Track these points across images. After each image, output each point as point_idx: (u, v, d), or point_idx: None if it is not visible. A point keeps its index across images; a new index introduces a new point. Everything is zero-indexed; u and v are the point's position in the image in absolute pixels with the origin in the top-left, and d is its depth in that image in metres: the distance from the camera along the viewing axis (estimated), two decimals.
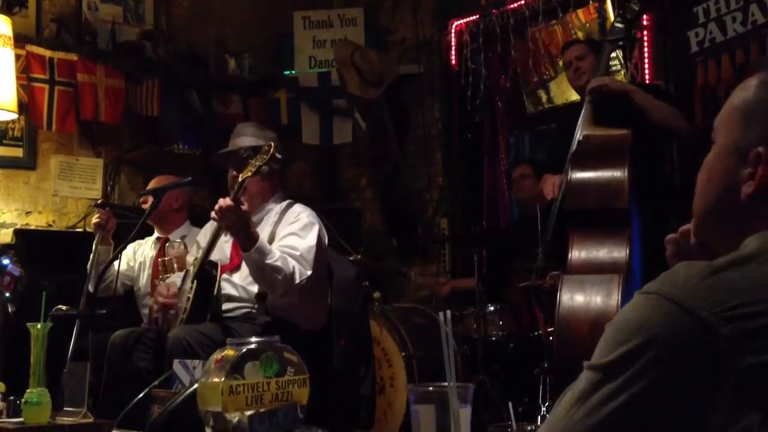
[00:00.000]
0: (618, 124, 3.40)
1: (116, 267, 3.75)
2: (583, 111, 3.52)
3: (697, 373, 0.87)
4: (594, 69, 3.62)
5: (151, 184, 4.10)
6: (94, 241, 3.70)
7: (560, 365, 3.06)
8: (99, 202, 4.10)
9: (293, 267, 2.93)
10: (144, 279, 3.95)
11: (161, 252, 3.97)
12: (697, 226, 1.14)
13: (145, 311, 3.85)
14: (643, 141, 3.38)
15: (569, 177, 3.28)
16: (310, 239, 3.06)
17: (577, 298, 2.99)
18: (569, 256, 3.14)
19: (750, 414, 0.85)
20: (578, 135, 3.45)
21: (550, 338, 3.55)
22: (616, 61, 4.48)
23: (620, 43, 3.59)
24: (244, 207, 2.89)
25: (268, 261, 2.87)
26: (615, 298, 2.89)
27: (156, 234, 4.06)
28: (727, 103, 1.11)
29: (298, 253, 2.99)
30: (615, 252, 3.07)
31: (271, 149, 2.95)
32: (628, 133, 3.31)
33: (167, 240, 4.00)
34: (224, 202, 2.83)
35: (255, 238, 2.88)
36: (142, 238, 3.97)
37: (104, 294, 3.70)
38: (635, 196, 3.20)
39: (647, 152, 3.47)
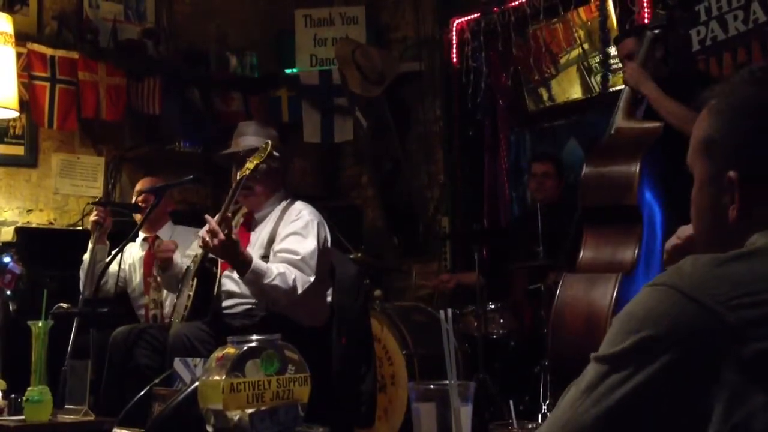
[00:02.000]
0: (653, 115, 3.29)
1: (111, 268, 3.74)
2: (618, 102, 3.40)
3: (703, 361, 0.89)
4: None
5: (141, 185, 4.11)
6: (90, 240, 3.70)
7: (554, 361, 3.06)
8: (97, 200, 4.09)
9: (293, 279, 2.92)
10: (137, 279, 3.95)
11: (151, 251, 3.98)
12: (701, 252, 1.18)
13: (141, 312, 3.86)
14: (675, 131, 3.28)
15: (582, 172, 3.20)
16: (312, 240, 3.05)
17: (572, 295, 2.99)
18: (580, 254, 3.12)
19: (754, 398, 0.87)
20: (611, 128, 3.35)
21: None
22: None
23: (661, 31, 3.44)
24: (234, 233, 2.88)
25: (266, 281, 2.87)
26: (609, 296, 2.87)
27: (142, 234, 4.05)
28: (691, 140, 1.17)
29: (299, 258, 2.99)
30: (621, 251, 3.03)
31: (268, 147, 2.95)
32: (659, 126, 3.19)
33: (156, 238, 4.01)
34: (215, 240, 2.78)
35: (248, 261, 2.85)
36: (133, 239, 3.93)
37: (100, 296, 3.70)
38: (662, 188, 3.11)
39: (679, 142, 3.32)
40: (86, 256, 3.74)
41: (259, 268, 2.87)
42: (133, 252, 4.02)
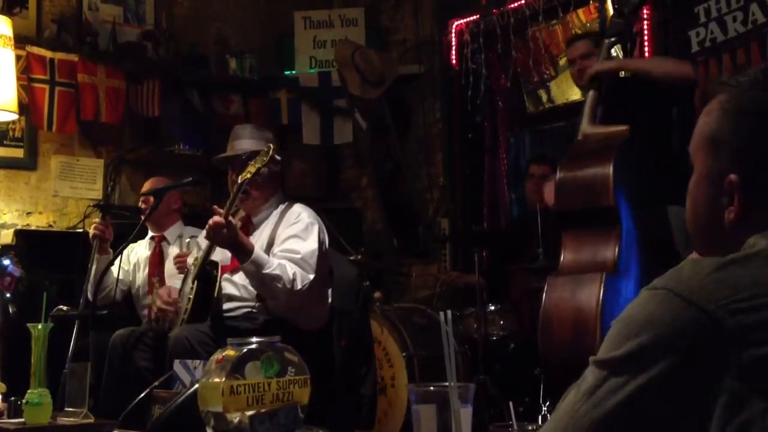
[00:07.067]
0: (620, 118, 3.31)
1: (114, 274, 3.74)
2: (583, 109, 3.43)
3: (703, 366, 0.89)
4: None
5: (146, 186, 4.10)
6: (92, 251, 3.69)
7: (545, 364, 3.07)
8: (98, 204, 4.06)
9: (294, 274, 2.93)
10: (141, 279, 3.94)
11: (157, 251, 3.97)
12: (696, 245, 1.19)
13: (144, 312, 3.85)
14: (644, 128, 3.28)
15: (556, 178, 3.23)
16: (312, 242, 3.06)
17: (558, 298, 3.00)
18: (561, 257, 3.14)
19: (753, 404, 0.87)
20: (579, 134, 3.39)
21: None
22: None
23: (618, 38, 3.47)
24: (235, 221, 2.90)
25: (266, 271, 2.89)
26: (595, 297, 2.88)
27: (150, 233, 4.05)
28: (696, 128, 1.14)
29: (299, 257, 3.00)
30: (602, 251, 3.04)
31: (270, 151, 2.96)
32: (626, 129, 3.22)
33: (162, 238, 4.00)
34: (214, 221, 2.84)
35: (249, 250, 2.89)
36: (135, 241, 3.92)
37: (103, 302, 3.69)
38: (631, 186, 3.12)
39: (647, 140, 3.33)
40: (90, 267, 3.72)
41: (260, 257, 2.90)
42: (139, 251, 4.00)
